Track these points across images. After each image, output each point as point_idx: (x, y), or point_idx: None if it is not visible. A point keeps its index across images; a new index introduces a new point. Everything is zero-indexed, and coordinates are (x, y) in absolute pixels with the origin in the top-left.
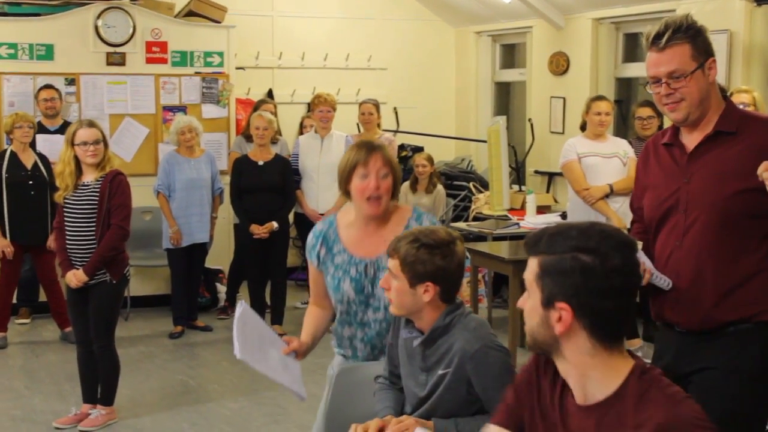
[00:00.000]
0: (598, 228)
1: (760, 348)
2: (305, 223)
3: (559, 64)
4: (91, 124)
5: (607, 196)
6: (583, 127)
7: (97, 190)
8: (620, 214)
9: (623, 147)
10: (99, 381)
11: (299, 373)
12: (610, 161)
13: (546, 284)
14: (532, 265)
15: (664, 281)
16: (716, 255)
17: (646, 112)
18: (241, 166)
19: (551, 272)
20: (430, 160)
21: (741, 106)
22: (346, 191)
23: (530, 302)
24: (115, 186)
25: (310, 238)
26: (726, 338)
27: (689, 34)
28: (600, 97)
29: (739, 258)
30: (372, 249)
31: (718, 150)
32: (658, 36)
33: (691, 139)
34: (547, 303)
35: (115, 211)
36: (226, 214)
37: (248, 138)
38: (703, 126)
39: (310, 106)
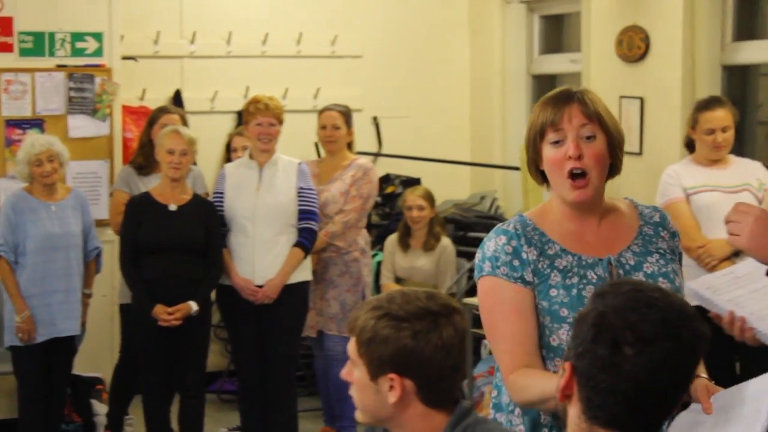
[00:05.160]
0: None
1: None
2: (233, 303)
3: (634, 46)
4: None
5: (735, 254)
6: (690, 145)
7: None
8: None
9: (756, 173)
10: None
11: None
12: (737, 198)
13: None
14: None
15: None
16: None
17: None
18: (140, 212)
19: None
20: (429, 199)
21: None
22: (538, 171)
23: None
24: None
25: (493, 245)
26: None
27: None
28: (713, 103)
29: None
30: (605, 244)
31: None
32: None
33: None
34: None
35: None
36: (108, 290)
37: (140, 168)
38: None
39: (242, 117)
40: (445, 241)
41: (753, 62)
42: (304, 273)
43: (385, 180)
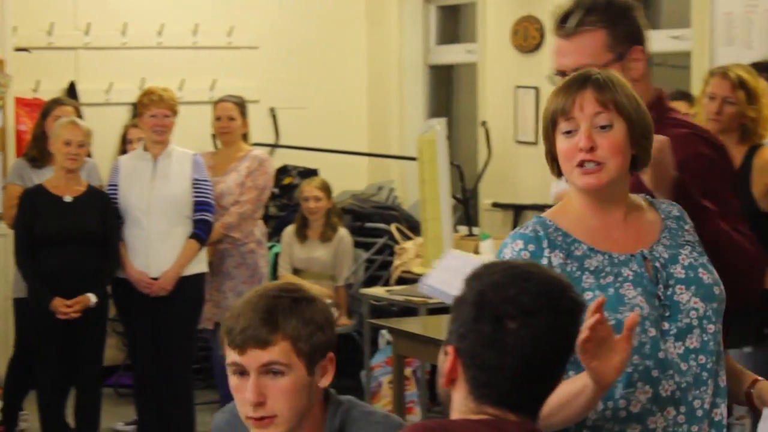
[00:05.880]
0: None
1: None
2: (128, 296)
3: (529, 36)
4: None
5: None
6: None
7: None
8: None
9: None
10: None
11: None
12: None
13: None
14: None
15: None
16: None
17: (679, 108)
18: (35, 204)
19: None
20: (326, 190)
21: None
22: (555, 162)
23: None
24: None
25: (509, 251)
26: None
27: (607, 17)
28: None
29: None
30: (634, 240)
31: None
32: (566, 18)
33: None
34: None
35: None
36: (2, 284)
37: (34, 161)
38: None
39: (137, 109)
40: (342, 232)
41: (656, 51)
42: (199, 265)
43: (283, 171)
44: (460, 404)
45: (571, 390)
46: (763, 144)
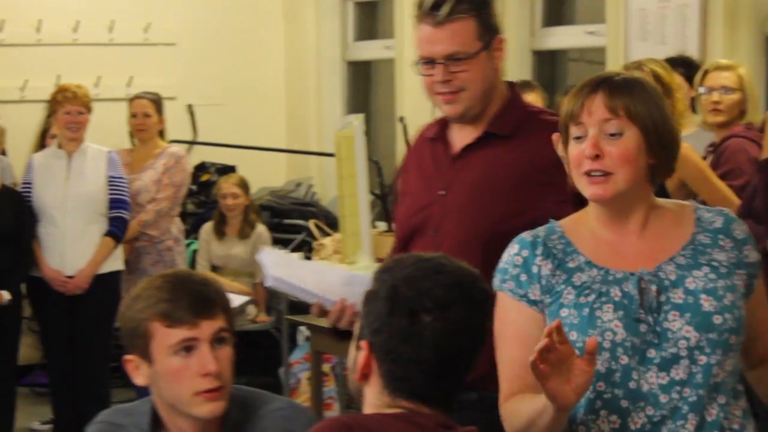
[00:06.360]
0: None
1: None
2: (44, 294)
3: None
4: None
5: None
6: None
7: None
8: None
9: None
10: None
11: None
12: None
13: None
14: None
15: None
16: None
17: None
18: None
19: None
20: (244, 186)
21: (722, 92)
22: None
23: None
24: None
25: (506, 255)
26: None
27: (476, 6)
28: (524, 87)
29: None
30: (645, 256)
31: (488, 157)
32: (437, 6)
33: (461, 136)
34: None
35: None
36: None
37: None
38: (479, 123)
39: (51, 106)
40: (261, 229)
41: (561, 47)
42: (115, 262)
43: (201, 168)
44: (375, 399)
45: (535, 408)
46: None
